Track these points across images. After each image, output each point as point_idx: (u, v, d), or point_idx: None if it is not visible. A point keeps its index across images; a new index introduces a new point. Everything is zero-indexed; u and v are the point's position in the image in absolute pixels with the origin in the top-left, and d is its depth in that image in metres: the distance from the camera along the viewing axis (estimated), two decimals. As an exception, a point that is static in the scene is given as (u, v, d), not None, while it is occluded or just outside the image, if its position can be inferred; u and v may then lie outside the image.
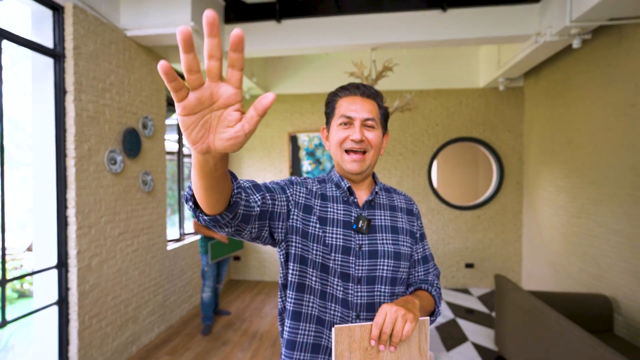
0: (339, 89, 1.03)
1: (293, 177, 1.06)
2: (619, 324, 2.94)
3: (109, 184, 2.90)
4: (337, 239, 0.96)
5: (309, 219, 0.97)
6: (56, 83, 2.51)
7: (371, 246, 0.98)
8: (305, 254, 0.95)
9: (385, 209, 1.05)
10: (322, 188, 1.04)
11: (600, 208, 3.21)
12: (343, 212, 1.00)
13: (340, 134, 0.99)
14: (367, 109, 0.98)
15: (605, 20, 2.74)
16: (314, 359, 0.95)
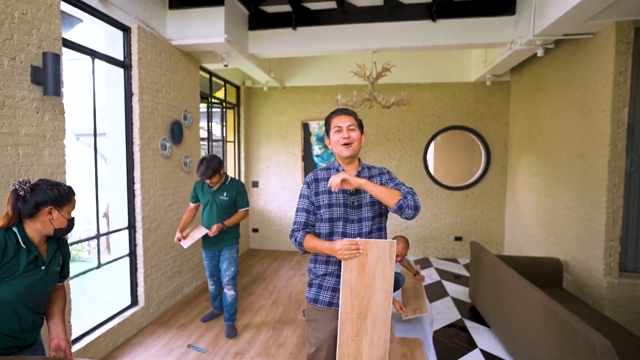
0: (331, 113, 1.79)
1: (303, 187, 1.80)
2: (568, 281, 3.66)
3: (161, 165, 3.67)
4: (338, 200, 1.71)
5: (319, 199, 1.74)
6: (125, 87, 3.25)
7: (358, 201, 1.71)
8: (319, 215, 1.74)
9: (366, 179, 1.71)
10: (328, 173, 1.78)
11: (559, 188, 3.88)
12: None
13: (336, 136, 1.73)
14: (348, 120, 1.73)
15: (561, 35, 3.35)
16: (328, 264, 1.73)
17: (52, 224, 1.43)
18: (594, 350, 1.77)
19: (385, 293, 1.54)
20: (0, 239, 1.33)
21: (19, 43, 2.15)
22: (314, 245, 1.67)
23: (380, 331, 1.56)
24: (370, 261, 1.53)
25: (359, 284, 1.54)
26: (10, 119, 2.11)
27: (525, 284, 2.60)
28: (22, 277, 1.37)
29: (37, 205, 1.39)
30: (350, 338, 1.57)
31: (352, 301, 1.55)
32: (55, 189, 1.45)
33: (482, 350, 2.99)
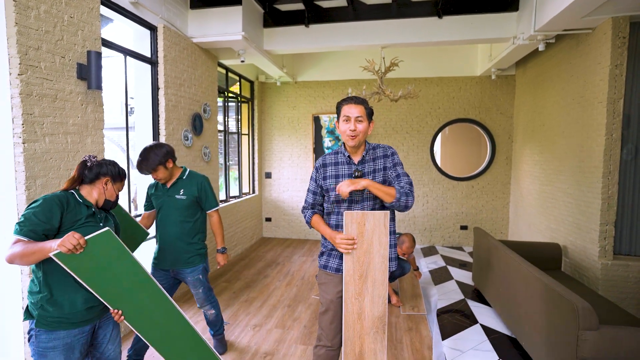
0: (343, 100, 1.89)
1: (313, 171, 1.97)
2: (566, 264, 3.87)
3: (184, 154, 3.95)
4: None
5: (327, 183, 1.92)
6: (152, 82, 3.53)
7: None
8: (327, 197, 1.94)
9: (370, 161, 1.90)
10: (336, 157, 1.95)
11: (560, 177, 4.07)
12: (347, 168, 1.91)
13: (344, 126, 1.85)
14: (357, 110, 1.82)
15: (561, 30, 3.53)
16: None
17: (104, 193, 1.70)
18: (577, 313, 2.00)
19: (382, 257, 1.76)
20: (62, 195, 1.58)
21: (68, 43, 2.43)
22: (318, 228, 1.91)
23: (379, 290, 1.78)
24: (368, 230, 1.75)
25: (359, 249, 1.76)
26: (61, 110, 2.40)
27: (522, 262, 2.82)
28: (85, 226, 1.58)
29: (99, 175, 1.67)
30: (354, 297, 1.79)
31: (354, 265, 1.77)
32: (116, 167, 1.74)
33: (482, 325, 3.22)
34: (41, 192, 2.26)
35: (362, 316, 1.79)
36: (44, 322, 1.52)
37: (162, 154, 2.37)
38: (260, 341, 2.97)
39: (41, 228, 1.47)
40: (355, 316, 1.80)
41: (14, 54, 2.12)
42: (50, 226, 1.49)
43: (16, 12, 2.11)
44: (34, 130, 2.22)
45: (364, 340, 1.81)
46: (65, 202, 1.56)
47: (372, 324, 1.80)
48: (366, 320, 1.80)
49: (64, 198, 1.58)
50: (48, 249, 1.40)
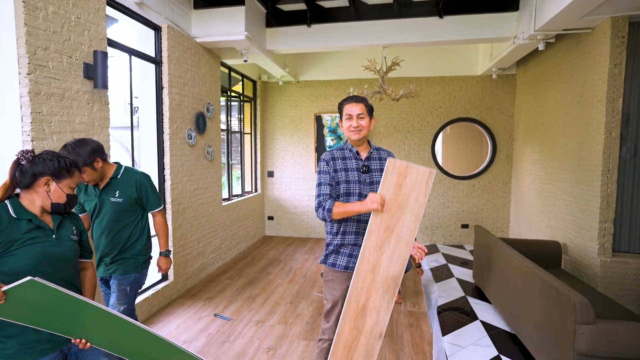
0: (344, 100, 1.98)
1: (322, 163, 1.97)
2: (566, 262, 3.90)
3: (187, 153, 4.00)
4: (354, 177, 1.94)
5: (338, 175, 1.95)
6: (157, 81, 3.58)
7: (370, 178, 1.95)
8: (337, 190, 1.95)
9: (376, 159, 1.99)
10: (342, 152, 2.00)
11: (560, 175, 4.10)
12: (355, 163, 1.97)
13: (347, 123, 1.94)
14: (359, 108, 1.92)
15: (561, 30, 3.56)
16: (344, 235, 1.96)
17: (48, 196, 1.37)
18: (574, 307, 2.04)
19: (414, 216, 1.67)
20: None
21: (75, 43, 2.48)
22: (344, 210, 1.81)
23: (401, 250, 1.70)
24: (408, 183, 1.67)
25: (393, 201, 1.69)
26: (68, 109, 2.45)
27: (521, 258, 2.86)
28: (28, 245, 1.31)
29: (35, 176, 1.36)
30: (373, 248, 1.73)
31: (382, 215, 1.69)
32: (56, 160, 1.40)
33: (482, 322, 3.26)
34: (49, 189, 2.31)
35: (375, 270, 1.73)
36: (2, 355, 1.30)
37: (87, 153, 1.97)
38: (263, 336, 3.02)
39: None
40: (369, 268, 1.73)
41: (23, 54, 2.17)
42: None
43: (25, 12, 2.16)
44: (42, 128, 2.28)
45: (371, 295, 1.74)
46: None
47: (384, 282, 1.73)
48: (379, 275, 1.73)
49: None
50: None
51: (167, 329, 3.13)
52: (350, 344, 1.76)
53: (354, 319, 1.76)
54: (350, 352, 1.76)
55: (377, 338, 1.76)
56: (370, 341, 1.76)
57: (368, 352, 1.77)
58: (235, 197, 5.63)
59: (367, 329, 1.76)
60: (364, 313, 1.75)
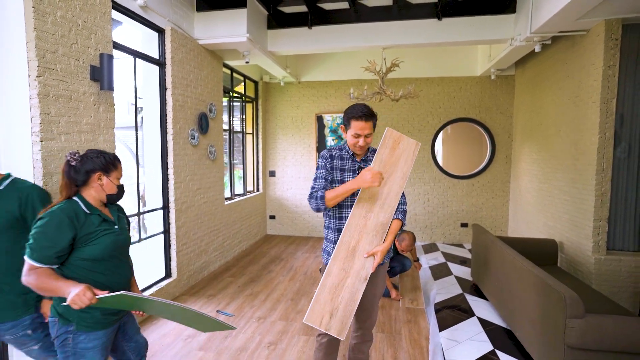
0: (355, 113, 1.93)
1: (320, 160, 2.03)
2: (562, 260, 3.96)
3: (190, 152, 4.09)
4: (348, 177, 2.01)
5: (333, 174, 2.01)
6: (160, 83, 3.67)
7: None
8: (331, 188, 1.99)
9: (371, 161, 2.02)
10: (340, 153, 2.06)
11: (557, 175, 4.16)
12: (351, 164, 2.04)
13: (354, 140, 1.96)
14: (367, 127, 1.93)
15: (557, 32, 3.62)
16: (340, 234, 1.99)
17: (103, 189, 1.59)
18: (564, 302, 2.11)
19: (402, 174, 1.97)
20: (69, 208, 1.49)
21: (82, 46, 2.56)
22: (336, 193, 1.88)
23: (391, 200, 1.95)
24: (400, 148, 1.99)
25: (388, 159, 1.97)
26: (75, 110, 2.54)
27: (515, 255, 2.93)
28: (102, 236, 1.54)
29: (88, 173, 1.56)
30: (369, 197, 1.94)
31: (379, 167, 1.95)
32: (102, 156, 1.60)
33: (479, 318, 3.33)
34: (57, 188, 2.40)
35: (368, 215, 1.92)
36: (85, 324, 1.52)
37: None
38: (265, 332, 3.10)
39: (51, 252, 1.41)
40: (363, 213, 1.93)
41: (32, 57, 2.25)
42: (61, 248, 1.43)
43: (35, 17, 2.24)
44: (50, 129, 2.36)
45: (362, 238, 1.92)
46: (75, 218, 1.48)
47: (374, 227, 1.93)
48: (370, 221, 1.92)
49: (72, 212, 1.48)
50: (62, 293, 1.38)
51: (171, 325, 3.21)
52: (337, 285, 1.86)
53: (343, 260, 1.89)
54: (336, 293, 1.85)
55: (363, 281, 1.89)
56: (355, 283, 1.88)
57: (353, 294, 1.87)
58: (237, 196, 5.72)
59: (354, 271, 1.89)
60: (353, 255, 1.90)
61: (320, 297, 1.85)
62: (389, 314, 3.43)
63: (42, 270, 1.41)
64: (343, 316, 1.84)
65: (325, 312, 1.83)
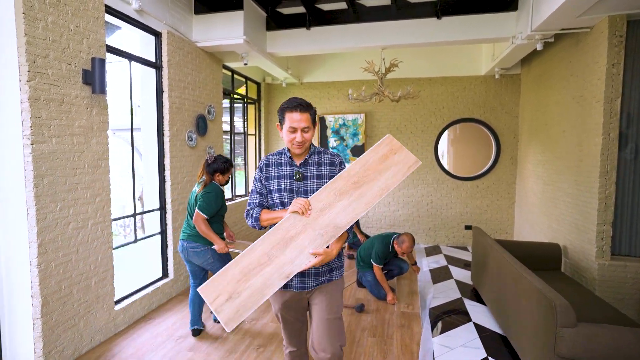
0: (286, 106, 1.72)
1: (257, 171, 1.85)
2: (566, 265, 3.84)
3: (187, 154, 4.11)
4: (285, 184, 1.78)
5: (269, 184, 1.81)
6: (157, 85, 3.70)
7: (304, 187, 1.77)
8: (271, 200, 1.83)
9: (314, 165, 1.79)
10: (279, 158, 1.82)
11: (561, 176, 4.04)
12: (289, 169, 1.79)
13: (290, 136, 1.71)
14: (304, 119, 1.69)
15: (559, 30, 3.51)
16: None
17: (219, 180, 3.01)
18: (555, 310, 2.03)
19: (384, 186, 1.69)
20: (218, 187, 2.98)
21: (74, 51, 2.60)
22: (270, 217, 1.74)
23: (358, 206, 1.67)
24: (394, 159, 1.71)
25: (375, 165, 1.71)
26: (67, 114, 2.57)
27: (511, 260, 2.84)
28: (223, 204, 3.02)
29: (214, 170, 2.96)
30: (335, 191, 1.68)
31: (359, 171, 1.70)
32: (220, 163, 2.97)
33: (475, 324, 3.25)
34: (48, 190, 2.44)
35: (324, 210, 1.66)
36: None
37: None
38: (255, 334, 3.09)
39: (213, 210, 2.89)
40: (319, 206, 1.66)
41: (23, 62, 2.30)
42: (216, 208, 2.92)
43: (25, 23, 2.28)
44: (41, 132, 2.40)
45: (305, 231, 1.64)
46: (222, 193, 3.00)
47: (325, 225, 1.65)
48: (324, 217, 1.65)
49: (220, 190, 2.96)
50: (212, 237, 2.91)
51: (165, 325, 3.23)
52: (252, 269, 1.61)
53: (272, 245, 1.63)
54: (247, 277, 1.61)
55: (283, 277, 1.62)
56: (273, 276, 1.61)
57: (264, 287, 1.61)
58: (238, 197, 5.74)
59: (279, 261, 1.62)
60: (286, 244, 1.63)
61: (228, 273, 1.61)
62: (382, 318, 3.38)
63: (204, 219, 2.85)
64: (241, 306, 1.59)
65: (224, 291, 1.59)
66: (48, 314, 2.48)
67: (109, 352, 2.79)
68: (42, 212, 2.41)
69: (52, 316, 2.51)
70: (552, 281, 3.13)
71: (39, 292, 2.41)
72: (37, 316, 2.43)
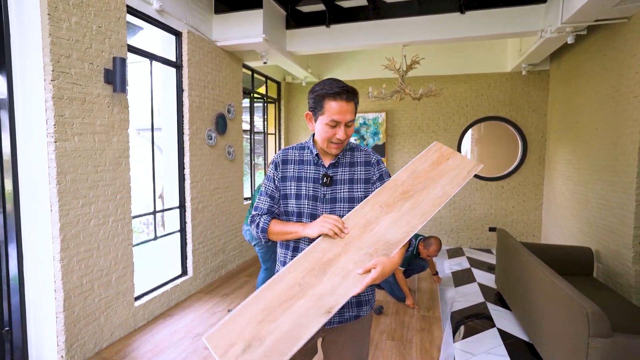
0: (328, 91, 1.27)
1: (270, 166, 1.42)
2: (599, 270, 3.63)
3: (207, 153, 4.14)
4: (308, 190, 1.36)
5: (286, 186, 1.38)
6: (177, 85, 3.74)
7: (332, 195, 1.35)
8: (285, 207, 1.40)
9: (346, 166, 1.38)
10: (300, 154, 1.40)
11: (593, 177, 3.82)
12: (314, 170, 1.37)
13: (329, 132, 1.30)
14: (349, 111, 1.29)
15: (592, 21, 3.32)
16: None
17: None
18: (587, 318, 1.90)
19: (443, 193, 1.38)
20: None
21: (96, 51, 2.65)
22: (283, 230, 1.34)
23: (413, 218, 1.32)
24: (448, 165, 1.45)
25: (424, 172, 1.42)
26: (89, 112, 2.62)
27: (538, 264, 2.70)
28: None
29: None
30: (380, 204, 1.34)
31: (408, 179, 1.40)
32: None
33: (499, 329, 3.11)
34: (70, 187, 2.49)
35: (369, 226, 1.29)
36: None
37: None
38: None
39: None
40: (362, 222, 1.30)
41: (47, 62, 2.35)
42: None
43: (50, 24, 2.34)
44: (64, 130, 2.45)
45: (348, 251, 1.24)
46: None
47: (374, 244, 1.26)
48: (370, 234, 1.28)
49: None
50: None
51: (183, 322, 3.26)
52: (279, 304, 1.13)
53: (304, 272, 1.21)
54: (272, 314, 1.11)
55: (323, 314, 1.12)
56: (309, 312, 1.12)
57: (297, 328, 1.09)
58: (257, 196, 5.75)
59: (315, 292, 1.16)
60: (323, 270, 1.21)
61: (246, 311, 1.12)
62: (402, 321, 3.28)
63: None
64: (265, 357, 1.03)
65: (240, 338, 1.06)
66: (70, 308, 2.53)
67: (128, 348, 2.83)
68: (65, 209, 2.46)
69: (74, 310, 2.56)
70: (584, 287, 2.95)
71: (62, 287, 2.47)
72: (59, 310, 2.48)
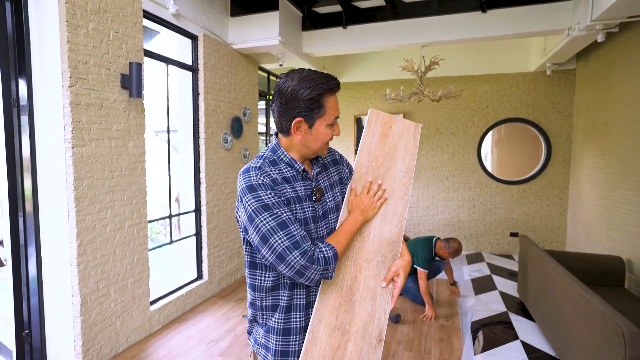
0: (326, 87, 1.06)
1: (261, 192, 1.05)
2: (631, 281, 3.44)
3: (222, 156, 4.13)
4: (308, 211, 1.13)
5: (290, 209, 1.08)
6: (193, 88, 3.74)
7: (323, 209, 1.18)
8: None
9: (322, 171, 1.23)
10: (279, 171, 1.12)
11: (625, 182, 3.63)
12: (304, 188, 1.14)
13: (329, 133, 1.12)
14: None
15: (625, 18, 3.14)
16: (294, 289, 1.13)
17: None
18: (622, 338, 1.77)
19: (406, 167, 1.31)
20: None
21: (113, 56, 2.66)
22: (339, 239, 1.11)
23: (396, 205, 1.26)
24: (394, 132, 1.34)
25: (379, 149, 1.31)
26: (106, 117, 2.63)
27: (566, 275, 2.56)
28: None
29: None
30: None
31: (369, 164, 1.29)
32: None
33: (522, 342, 2.98)
34: (87, 192, 2.50)
35: (365, 233, 1.21)
36: None
37: None
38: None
39: None
40: (357, 235, 1.21)
41: (65, 69, 2.36)
42: None
43: (68, 31, 2.35)
44: (81, 136, 2.46)
45: (361, 269, 1.17)
46: None
47: (379, 249, 1.21)
48: (370, 240, 1.21)
49: None
50: None
51: (198, 327, 3.25)
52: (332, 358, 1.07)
53: (334, 312, 1.09)
54: None
55: (377, 345, 1.09)
56: (364, 351, 1.08)
57: None
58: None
59: (357, 327, 1.10)
60: (351, 300, 1.11)
61: None
62: (420, 330, 3.18)
63: None
64: None
65: None
66: (87, 312, 2.54)
67: (144, 352, 2.83)
68: (82, 214, 2.47)
69: (91, 315, 2.57)
70: (615, 299, 2.79)
71: (79, 292, 2.48)
72: (76, 314, 2.49)
